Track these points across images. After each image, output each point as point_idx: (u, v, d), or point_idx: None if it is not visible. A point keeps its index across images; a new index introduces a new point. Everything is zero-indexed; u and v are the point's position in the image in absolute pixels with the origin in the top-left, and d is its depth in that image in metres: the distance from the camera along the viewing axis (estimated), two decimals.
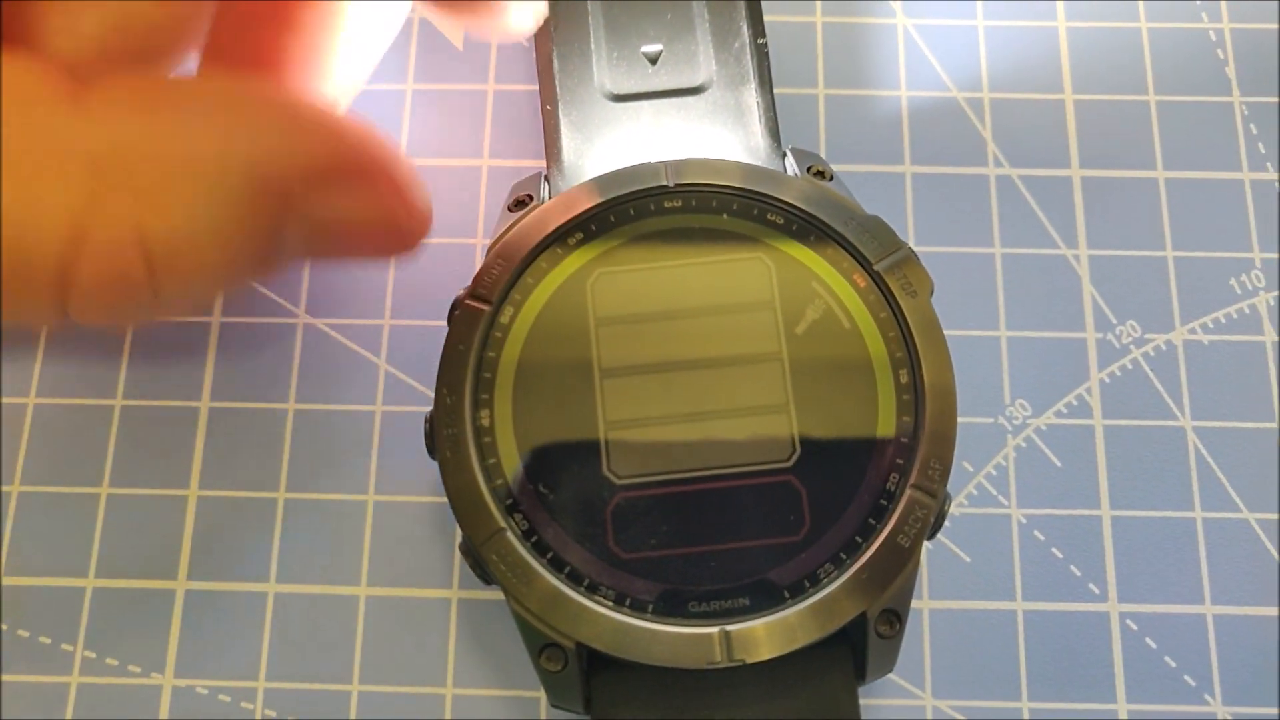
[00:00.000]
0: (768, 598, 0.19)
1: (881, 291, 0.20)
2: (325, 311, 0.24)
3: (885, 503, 0.19)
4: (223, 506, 0.23)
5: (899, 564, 0.19)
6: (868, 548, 0.19)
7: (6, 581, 0.22)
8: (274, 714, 0.21)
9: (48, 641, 0.22)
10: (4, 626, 0.22)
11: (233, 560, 0.22)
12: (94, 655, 0.22)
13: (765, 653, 0.18)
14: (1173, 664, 0.22)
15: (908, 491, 0.19)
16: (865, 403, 0.20)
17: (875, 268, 0.20)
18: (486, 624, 0.22)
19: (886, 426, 0.19)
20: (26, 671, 0.22)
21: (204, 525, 0.22)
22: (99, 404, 0.23)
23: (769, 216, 0.21)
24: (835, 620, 0.18)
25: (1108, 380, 0.23)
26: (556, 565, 0.19)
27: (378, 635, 0.22)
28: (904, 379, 0.20)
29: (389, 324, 0.24)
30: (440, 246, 0.24)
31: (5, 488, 0.23)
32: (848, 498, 0.19)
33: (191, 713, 0.21)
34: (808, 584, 0.19)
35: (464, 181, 0.25)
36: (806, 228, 0.21)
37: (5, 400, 0.23)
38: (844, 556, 0.19)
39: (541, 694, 0.21)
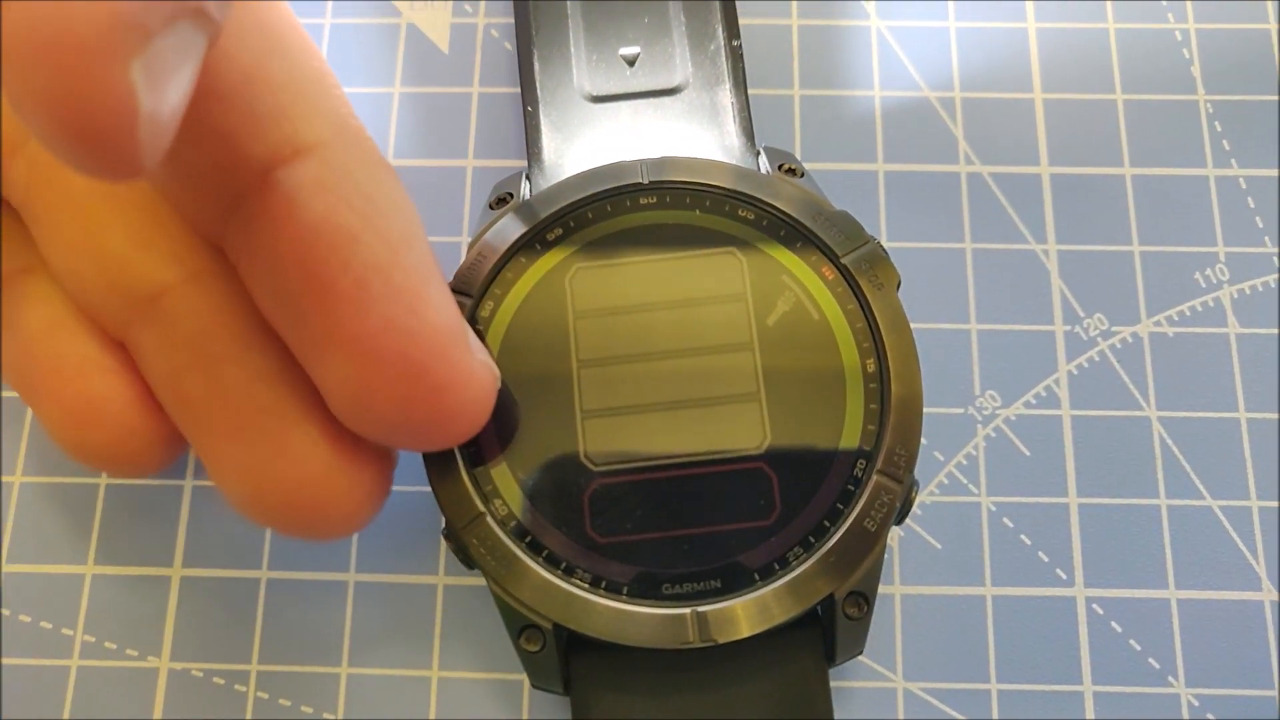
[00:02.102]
0: (739, 580, 0.19)
1: (849, 284, 0.21)
2: None
3: (852, 488, 0.20)
4: (217, 496, 0.23)
5: (866, 548, 0.19)
6: (835, 532, 0.19)
7: (8, 569, 0.23)
8: (266, 696, 0.22)
9: (48, 626, 0.23)
10: (6, 612, 0.23)
11: (226, 548, 0.23)
12: (93, 639, 0.23)
13: (737, 633, 0.19)
14: (1137, 647, 0.22)
15: (874, 478, 0.20)
16: (833, 392, 0.20)
17: (842, 261, 0.21)
18: (471, 609, 0.23)
19: (854, 415, 0.20)
20: (28, 655, 0.22)
21: (199, 514, 0.23)
22: None
23: (740, 212, 0.21)
24: (804, 601, 0.19)
25: (1075, 372, 0.24)
26: (535, 549, 0.19)
27: (366, 619, 0.22)
28: (871, 369, 0.20)
29: None
30: None
31: (7, 478, 0.24)
32: (816, 484, 0.20)
33: (187, 694, 0.22)
34: (777, 567, 0.19)
35: (449, 181, 0.25)
36: (777, 223, 0.21)
37: (6, 394, 0.24)
38: (812, 540, 0.19)
39: (524, 676, 0.22)
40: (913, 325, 0.20)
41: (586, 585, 0.19)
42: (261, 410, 0.18)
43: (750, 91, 0.23)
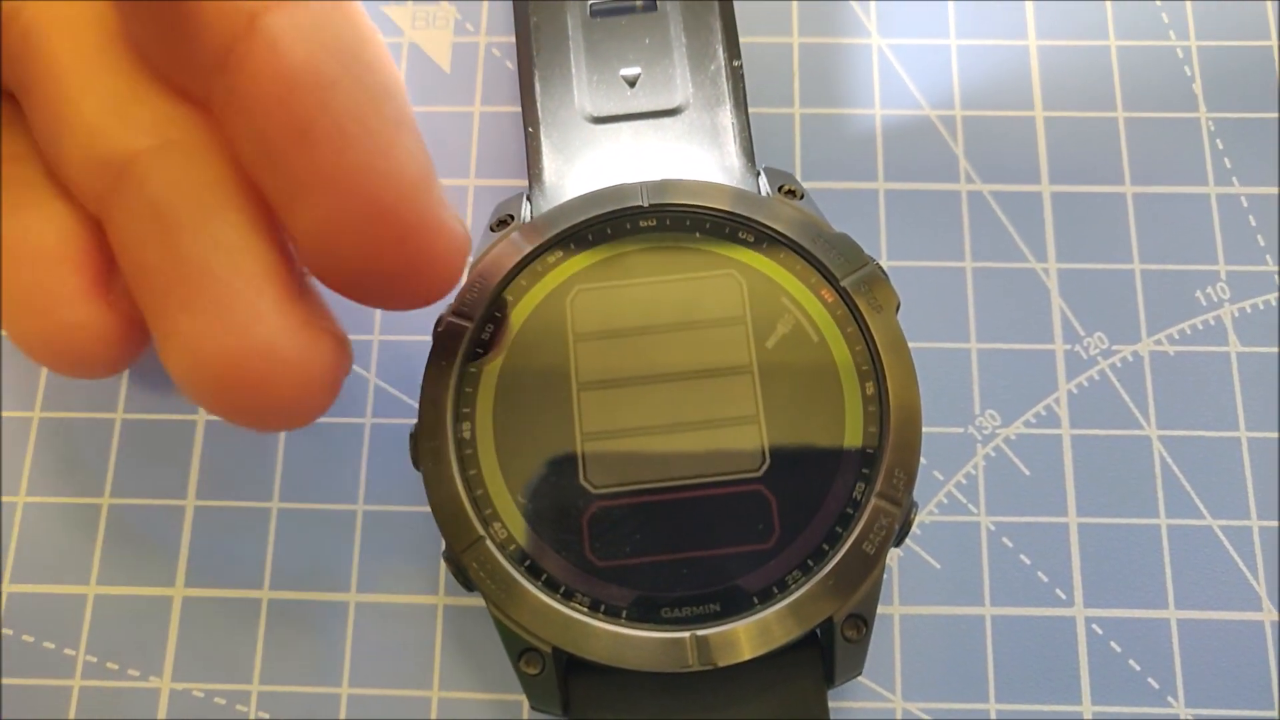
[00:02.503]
0: (738, 603, 0.19)
1: (848, 306, 0.21)
2: None
3: (851, 511, 0.20)
4: (218, 516, 0.23)
5: (864, 570, 0.19)
6: (834, 555, 0.19)
7: (11, 589, 0.23)
8: (267, 715, 0.22)
9: (51, 646, 0.23)
10: (9, 632, 0.23)
11: (228, 568, 0.23)
12: (95, 659, 0.23)
13: (736, 656, 0.19)
14: (1137, 667, 0.22)
15: (873, 500, 0.20)
16: (833, 414, 0.20)
17: (842, 283, 0.21)
18: (471, 629, 0.23)
19: (853, 438, 0.20)
20: (31, 675, 0.22)
21: (201, 534, 0.23)
22: (100, 418, 0.24)
23: (740, 234, 0.21)
24: (803, 624, 0.19)
25: (1075, 391, 0.24)
26: (534, 572, 0.20)
27: (366, 640, 0.23)
28: (870, 391, 0.20)
29: (378, 340, 0.25)
30: None
31: (10, 498, 0.24)
32: (815, 507, 0.20)
33: (188, 714, 0.22)
34: (776, 590, 0.19)
35: (451, 200, 0.25)
36: (776, 245, 0.21)
37: (9, 415, 0.24)
38: (811, 563, 0.19)
39: (524, 697, 0.22)
40: (912, 344, 0.20)
41: (586, 609, 0.19)
42: (216, 280, 0.18)
43: (751, 110, 0.23)
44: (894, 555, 0.23)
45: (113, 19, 0.19)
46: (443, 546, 0.20)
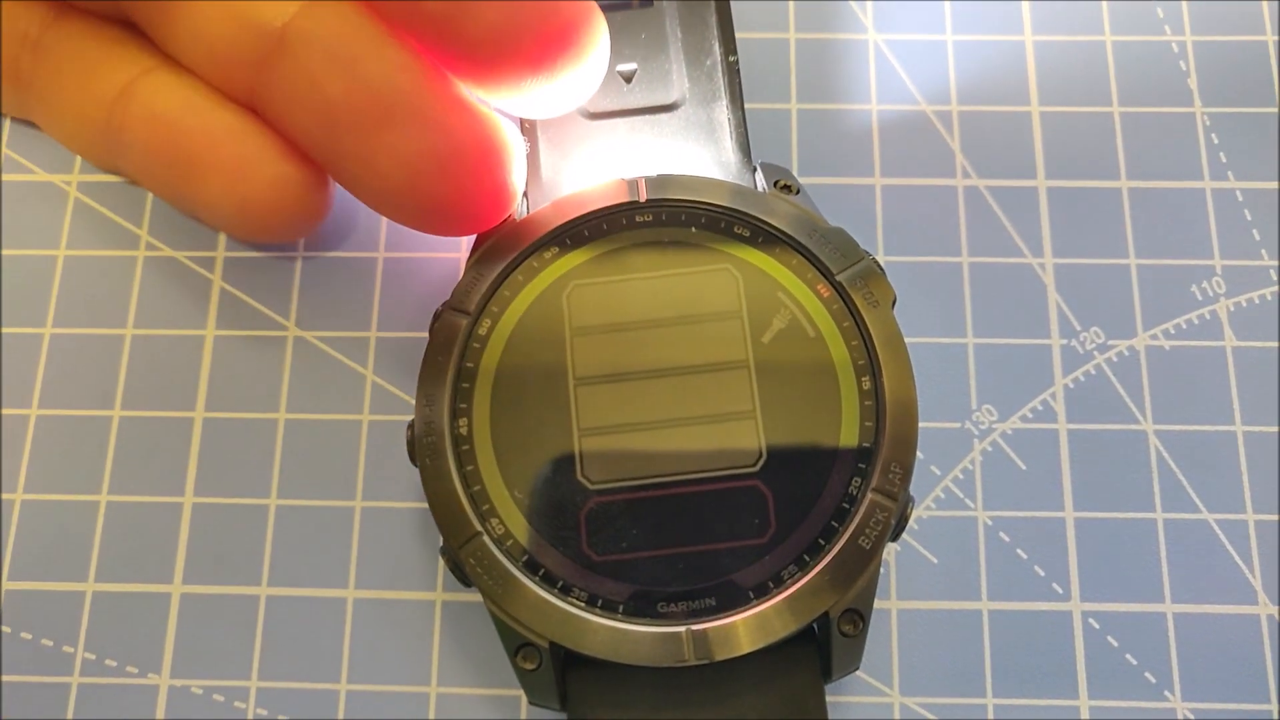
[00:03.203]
0: (734, 598, 0.19)
1: (844, 301, 0.21)
2: (314, 325, 0.25)
3: (847, 506, 0.20)
4: (216, 513, 0.23)
5: (861, 565, 0.19)
6: (830, 550, 0.19)
7: (8, 586, 0.23)
8: (265, 712, 0.22)
9: (50, 644, 0.23)
10: (6, 629, 0.23)
11: (226, 564, 0.23)
12: (94, 657, 0.23)
13: (732, 651, 0.19)
14: (1134, 661, 0.22)
15: (869, 495, 0.20)
16: (829, 409, 0.20)
17: (837, 278, 0.21)
18: (469, 625, 0.23)
19: (849, 432, 0.20)
20: (29, 672, 0.23)
21: (199, 531, 0.23)
22: (98, 415, 0.24)
23: (736, 230, 0.21)
24: (799, 619, 0.19)
25: (1072, 385, 0.24)
26: (531, 568, 0.20)
27: (365, 636, 0.23)
28: (866, 386, 0.20)
29: (375, 336, 0.25)
30: (425, 261, 0.25)
31: (8, 496, 0.24)
32: (811, 501, 0.20)
33: (187, 711, 0.22)
34: (772, 585, 0.19)
35: None
36: (772, 240, 0.21)
37: (8, 412, 0.24)
38: (807, 558, 0.19)
39: (522, 693, 0.22)
40: (909, 339, 0.20)
41: (583, 604, 0.19)
42: (407, 93, 0.20)
43: (747, 105, 0.23)
44: (891, 550, 0.23)
45: None
46: (440, 542, 0.20)
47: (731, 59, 0.24)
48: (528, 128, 0.23)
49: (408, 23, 0.20)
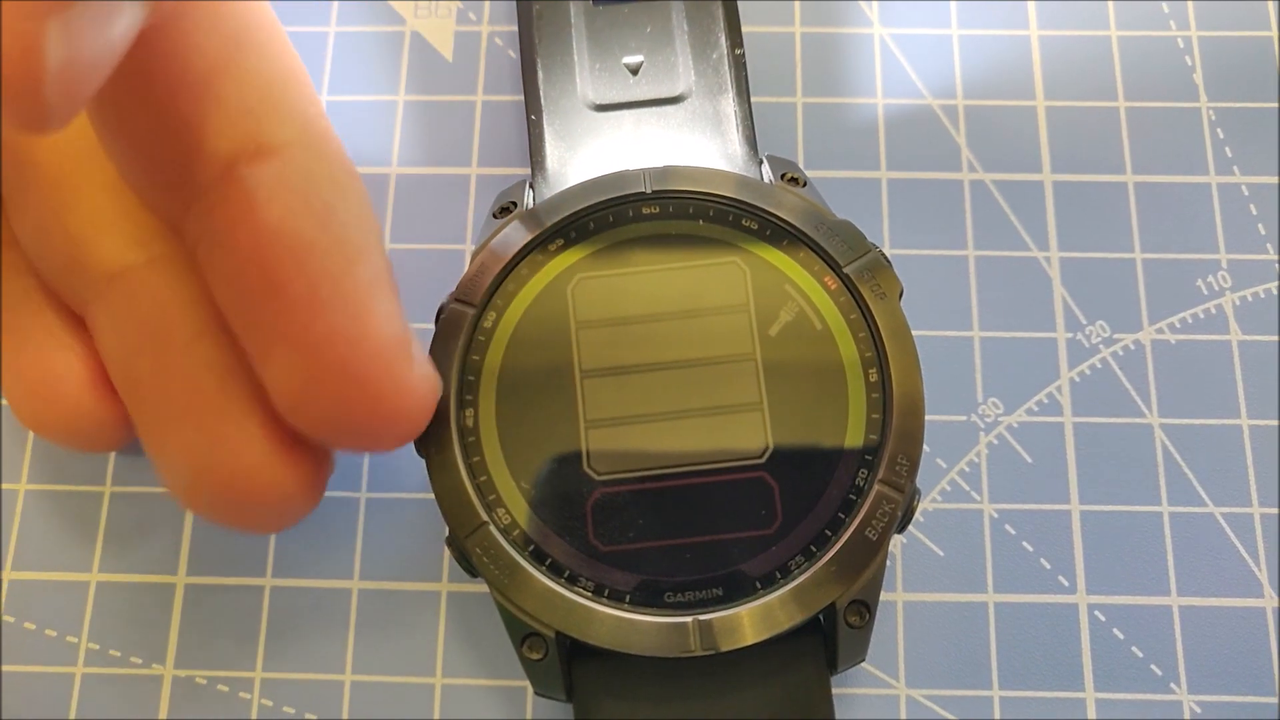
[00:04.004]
0: (740, 589, 0.19)
1: (851, 293, 0.21)
2: None
3: (854, 497, 0.20)
4: None
5: (867, 556, 0.19)
6: (837, 541, 0.19)
7: (13, 576, 0.23)
8: (270, 703, 0.22)
9: (53, 634, 0.23)
10: (10, 619, 0.23)
11: (231, 555, 0.23)
12: (98, 647, 0.23)
13: (738, 641, 0.19)
14: (1140, 654, 0.22)
15: (875, 487, 0.20)
16: (836, 401, 0.20)
17: (845, 270, 0.21)
18: (474, 616, 0.23)
19: (856, 425, 0.20)
20: (33, 662, 0.22)
21: (202, 522, 0.23)
22: None
23: (743, 222, 0.21)
24: (805, 610, 0.19)
25: (1077, 379, 0.24)
26: (538, 558, 0.20)
27: (369, 627, 0.23)
28: (873, 378, 0.20)
29: None
30: (430, 253, 0.25)
31: (12, 486, 0.24)
32: (818, 493, 0.20)
33: (191, 701, 0.22)
34: (779, 575, 0.19)
35: (453, 189, 0.25)
36: (779, 232, 0.21)
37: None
38: (814, 549, 0.19)
39: (527, 684, 0.22)
40: (915, 332, 0.20)
41: (589, 594, 0.19)
42: (205, 398, 0.18)
43: (753, 99, 0.23)
44: (897, 542, 0.23)
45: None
46: (445, 533, 0.20)
47: (738, 52, 0.24)
48: (533, 118, 0.23)
49: (237, 330, 0.18)
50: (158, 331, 0.19)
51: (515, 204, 0.22)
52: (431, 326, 0.21)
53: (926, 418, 0.20)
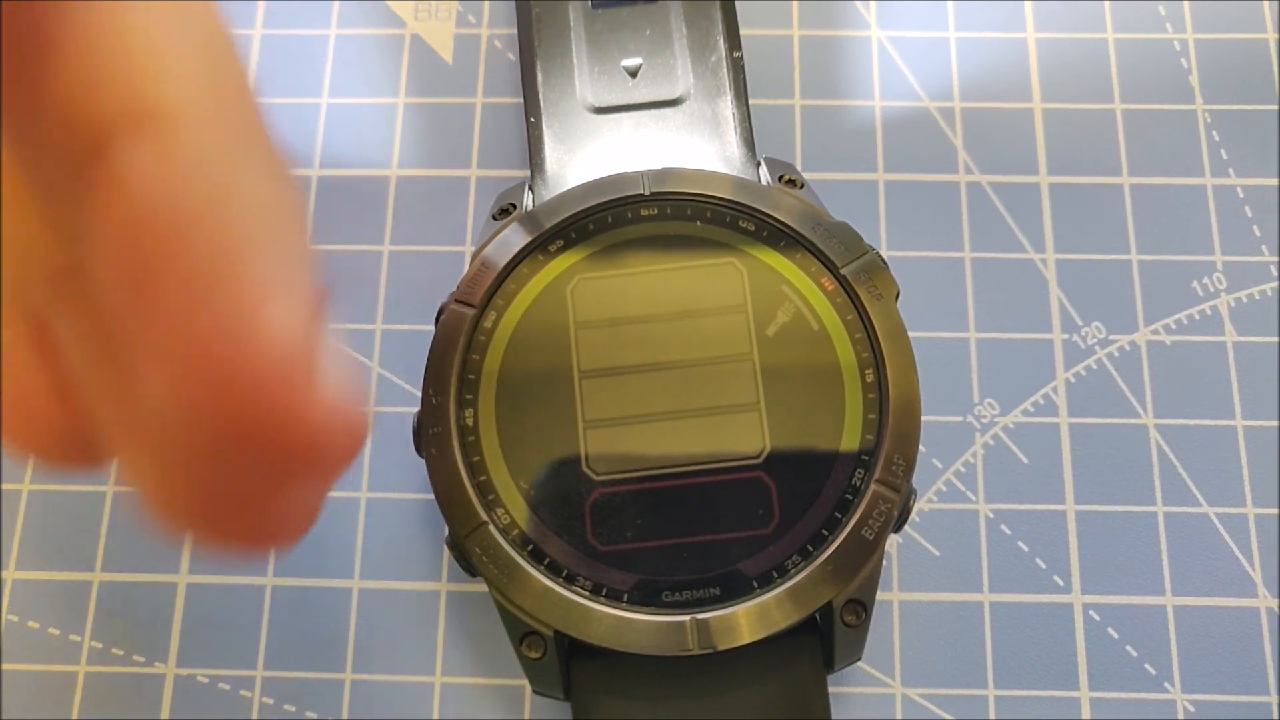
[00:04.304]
0: (738, 588, 0.19)
1: (848, 295, 0.21)
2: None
3: (850, 497, 0.20)
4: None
5: (864, 556, 0.20)
6: (833, 540, 0.20)
7: (15, 575, 0.23)
8: (271, 701, 0.22)
9: (56, 632, 0.23)
10: (13, 618, 0.23)
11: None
12: (100, 645, 0.23)
13: (735, 640, 0.19)
14: (1134, 653, 0.22)
15: (872, 486, 0.20)
16: (832, 402, 0.20)
17: (842, 271, 0.21)
18: (473, 615, 0.23)
19: (852, 425, 0.20)
20: (35, 661, 0.23)
21: None
22: None
23: (741, 223, 0.22)
24: (802, 609, 0.19)
25: (1073, 380, 0.24)
26: (536, 557, 0.20)
27: (370, 626, 0.23)
28: (870, 379, 0.20)
29: (381, 329, 0.25)
30: (430, 254, 0.25)
31: (15, 486, 0.24)
32: (815, 493, 0.20)
33: (193, 700, 0.22)
34: (776, 575, 0.20)
35: (452, 191, 0.26)
36: (777, 234, 0.21)
37: None
38: (811, 549, 0.20)
39: (526, 683, 0.22)
40: (912, 334, 0.21)
41: (587, 593, 0.19)
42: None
43: (751, 101, 0.23)
44: (893, 542, 0.23)
45: None
46: (445, 532, 0.20)
47: (736, 54, 0.24)
48: (532, 120, 0.23)
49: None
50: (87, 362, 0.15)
51: (515, 206, 0.22)
52: (432, 328, 0.21)
53: (923, 418, 0.20)
